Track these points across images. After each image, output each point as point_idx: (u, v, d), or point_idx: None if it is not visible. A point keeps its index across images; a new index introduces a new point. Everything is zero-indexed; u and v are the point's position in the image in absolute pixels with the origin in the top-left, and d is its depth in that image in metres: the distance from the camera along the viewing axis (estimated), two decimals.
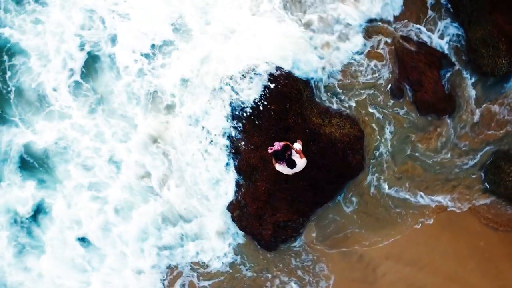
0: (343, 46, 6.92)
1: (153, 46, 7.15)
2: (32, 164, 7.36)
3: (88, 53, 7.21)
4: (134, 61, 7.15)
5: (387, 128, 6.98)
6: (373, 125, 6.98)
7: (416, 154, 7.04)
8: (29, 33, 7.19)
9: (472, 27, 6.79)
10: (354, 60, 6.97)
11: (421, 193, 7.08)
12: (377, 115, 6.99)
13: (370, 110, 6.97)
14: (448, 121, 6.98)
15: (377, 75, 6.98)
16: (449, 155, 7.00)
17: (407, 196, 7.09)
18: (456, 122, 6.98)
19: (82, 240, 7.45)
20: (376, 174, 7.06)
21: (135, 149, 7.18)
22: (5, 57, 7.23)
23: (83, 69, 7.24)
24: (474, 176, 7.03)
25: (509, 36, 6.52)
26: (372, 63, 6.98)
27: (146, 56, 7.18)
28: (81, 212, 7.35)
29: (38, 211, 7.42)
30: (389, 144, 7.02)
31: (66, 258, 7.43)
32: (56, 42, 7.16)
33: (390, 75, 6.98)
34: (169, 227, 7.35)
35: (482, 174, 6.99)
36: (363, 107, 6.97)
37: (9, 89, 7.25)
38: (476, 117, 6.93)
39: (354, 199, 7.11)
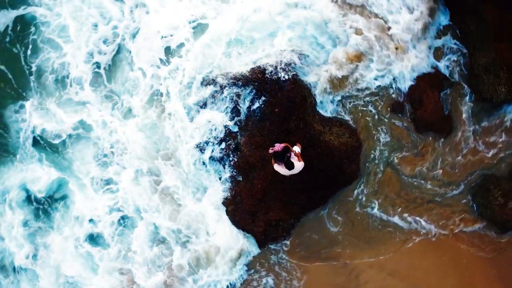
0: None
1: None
2: (46, 146, 7.57)
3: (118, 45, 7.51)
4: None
5: (381, 142, 7.23)
6: (369, 138, 7.23)
7: (405, 174, 7.27)
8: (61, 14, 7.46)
9: (477, 53, 7.04)
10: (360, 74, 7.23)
11: (406, 215, 7.31)
12: (375, 128, 7.23)
13: (369, 122, 7.23)
14: (442, 141, 7.23)
15: (379, 88, 7.24)
16: (439, 177, 7.23)
17: (394, 219, 7.31)
18: (450, 143, 7.23)
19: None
20: (364, 191, 7.28)
21: None
22: (35, 37, 7.48)
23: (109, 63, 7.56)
24: (463, 199, 7.25)
25: (511, 65, 6.78)
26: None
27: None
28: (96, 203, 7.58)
29: (53, 193, 7.65)
30: (380, 161, 7.25)
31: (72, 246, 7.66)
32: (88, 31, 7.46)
33: (393, 90, 7.24)
34: None
35: (470, 196, 7.22)
36: (362, 118, 7.23)
37: (31, 69, 7.47)
38: (470, 140, 7.16)
39: (339, 217, 7.34)
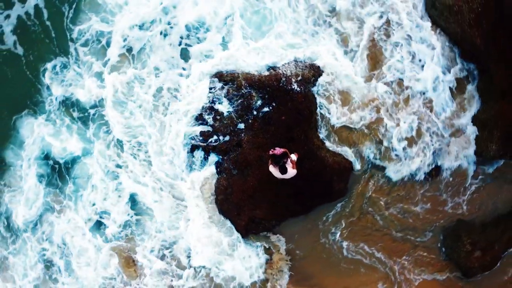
0: None
1: None
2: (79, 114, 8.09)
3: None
4: None
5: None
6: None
7: (378, 214, 7.75)
8: None
9: (480, 107, 7.49)
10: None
11: (375, 251, 7.80)
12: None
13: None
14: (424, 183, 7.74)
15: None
16: (414, 217, 7.75)
17: (360, 257, 7.82)
18: (432, 188, 7.74)
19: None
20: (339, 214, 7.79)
21: None
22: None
23: None
24: (433, 240, 7.76)
25: (507, 126, 7.13)
26: None
27: None
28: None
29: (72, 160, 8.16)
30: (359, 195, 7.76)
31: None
32: None
33: None
34: None
35: (441, 237, 7.71)
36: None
37: (72, 34, 7.93)
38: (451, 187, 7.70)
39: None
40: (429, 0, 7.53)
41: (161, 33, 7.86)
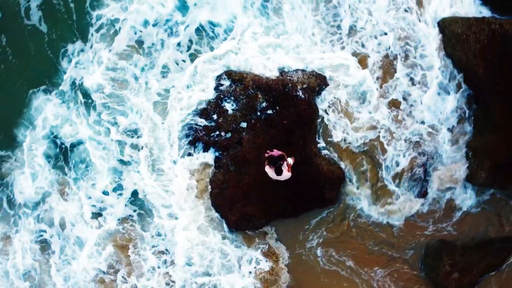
0: None
1: None
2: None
3: None
4: None
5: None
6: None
7: (359, 227, 8.02)
8: None
9: (474, 134, 7.75)
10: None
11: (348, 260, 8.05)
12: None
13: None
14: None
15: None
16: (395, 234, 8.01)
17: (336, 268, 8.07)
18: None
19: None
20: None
21: None
22: None
23: None
24: (414, 259, 8.00)
25: (498, 158, 7.39)
26: None
27: None
28: None
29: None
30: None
31: None
32: None
33: None
34: None
35: (423, 253, 7.96)
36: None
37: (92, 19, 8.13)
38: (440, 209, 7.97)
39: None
40: (439, 27, 7.80)
41: (170, 29, 8.12)
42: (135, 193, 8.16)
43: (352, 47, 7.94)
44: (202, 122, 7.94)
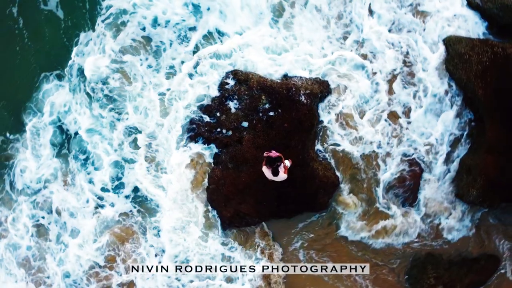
0: None
1: None
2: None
3: None
4: None
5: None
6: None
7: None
8: None
9: (468, 152, 7.93)
10: None
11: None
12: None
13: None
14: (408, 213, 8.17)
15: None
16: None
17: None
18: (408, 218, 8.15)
19: None
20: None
21: None
22: None
23: None
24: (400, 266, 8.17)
25: (490, 177, 7.51)
26: None
27: None
28: None
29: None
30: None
31: None
32: None
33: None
34: None
35: (409, 264, 8.11)
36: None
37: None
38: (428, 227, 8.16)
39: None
40: (444, 45, 7.98)
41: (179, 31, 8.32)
42: (135, 189, 8.36)
43: (357, 60, 8.14)
44: (205, 118, 8.15)
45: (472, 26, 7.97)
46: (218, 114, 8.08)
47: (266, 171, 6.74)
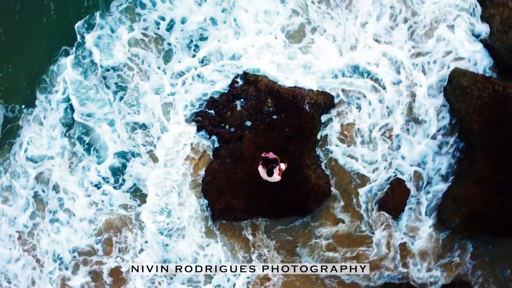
0: None
1: None
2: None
3: None
4: None
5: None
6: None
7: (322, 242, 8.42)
8: None
9: (456, 181, 8.20)
10: None
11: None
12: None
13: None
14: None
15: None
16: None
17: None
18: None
19: None
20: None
21: None
22: None
23: None
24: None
25: (474, 207, 7.78)
26: None
27: None
28: None
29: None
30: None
31: None
32: None
33: None
34: None
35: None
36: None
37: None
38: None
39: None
40: (449, 76, 8.27)
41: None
42: (137, 179, 8.66)
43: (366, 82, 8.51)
44: (211, 112, 8.46)
45: (479, 62, 8.28)
46: (224, 110, 8.37)
47: (261, 171, 6.99)
